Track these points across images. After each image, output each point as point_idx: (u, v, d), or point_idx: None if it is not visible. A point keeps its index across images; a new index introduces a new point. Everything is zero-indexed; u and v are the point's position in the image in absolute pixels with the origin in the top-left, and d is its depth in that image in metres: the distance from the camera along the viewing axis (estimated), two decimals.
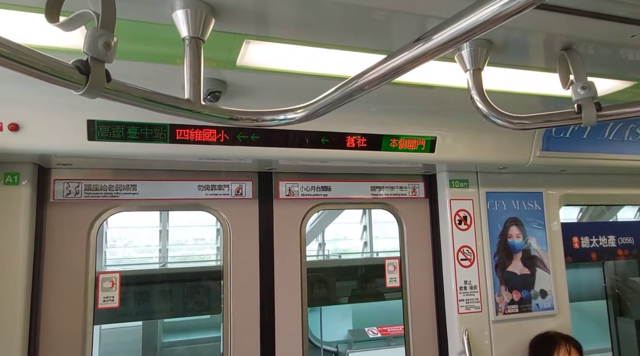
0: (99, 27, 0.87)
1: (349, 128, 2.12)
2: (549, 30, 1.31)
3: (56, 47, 1.30)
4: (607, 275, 3.71)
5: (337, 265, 5.42)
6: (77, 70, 0.85)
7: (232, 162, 2.23)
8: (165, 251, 7.50)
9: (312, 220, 7.32)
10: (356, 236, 8.17)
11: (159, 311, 3.01)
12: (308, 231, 7.43)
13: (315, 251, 8.01)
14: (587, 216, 4.17)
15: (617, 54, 1.46)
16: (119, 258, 7.51)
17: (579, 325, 3.85)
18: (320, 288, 3.65)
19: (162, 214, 7.22)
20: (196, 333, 5.69)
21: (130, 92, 0.97)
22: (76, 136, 1.76)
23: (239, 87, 1.76)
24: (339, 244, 8.82)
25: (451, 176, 2.63)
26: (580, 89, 1.29)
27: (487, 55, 1.38)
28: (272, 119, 1.17)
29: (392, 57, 1.06)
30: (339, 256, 8.58)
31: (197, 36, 1.12)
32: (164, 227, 7.48)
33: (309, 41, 1.36)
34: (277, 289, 2.40)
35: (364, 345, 5.58)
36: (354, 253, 8.34)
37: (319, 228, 7.58)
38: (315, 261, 6.67)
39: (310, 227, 7.43)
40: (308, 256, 2.52)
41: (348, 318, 6.20)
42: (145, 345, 4.93)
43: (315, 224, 7.29)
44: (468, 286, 2.55)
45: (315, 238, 7.83)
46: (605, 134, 2.58)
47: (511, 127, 1.39)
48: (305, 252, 2.51)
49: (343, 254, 8.53)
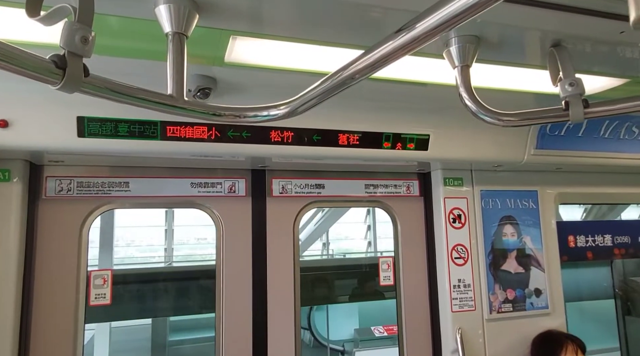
0: (76, 22, 0.87)
1: (342, 126, 2.11)
2: (537, 27, 1.30)
3: (37, 42, 1.29)
4: (615, 274, 3.69)
5: (334, 264, 5.48)
6: (53, 64, 0.84)
7: (224, 160, 2.23)
8: (171, 250, 7.60)
9: (317, 220, 7.40)
10: (360, 235, 8.20)
11: (162, 309, 3.03)
12: (313, 231, 7.43)
13: (319, 250, 8.08)
14: (592, 215, 4.14)
15: (607, 51, 1.45)
16: (122, 257, 7.59)
17: (586, 323, 3.82)
18: (319, 287, 3.68)
19: (168, 214, 7.35)
20: (202, 331, 5.75)
21: (110, 88, 0.97)
22: (66, 133, 1.75)
23: (229, 84, 1.75)
24: (343, 244, 8.88)
25: (445, 174, 2.62)
26: (568, 85, 1.28)
27: (475, 52, 1.37)
28: (255, 116, 1.16)
29: (374, 48, 1.05)
30: (344, 255, 8.62)
31: (181, 32, 1.11)
32: (170, 226, 7.58)
33: (295, 37, 1.35)
34: (269, 287, 2.40)
35: (370, 344, 5.61)
36: (358, 252, 8.38)
37: (323, 227, 7.62)
38: (310, 261, 6.70)
39: (315, 226, 7.49)
40: (312, 256, 2.52)
41: (354, 316, 6.23)
42: (154, 342, 4.99)
43: (319, 224, 7.33)
44: (462, 285, 2.54)
45: (320, 238, 7.89)
46: (600, 132, 2.56)
47: (500, 124, 1.39)
48: (299, 250, 2.50)
49: (347, 253, 8.57)
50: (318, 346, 5.94)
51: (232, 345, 2.30)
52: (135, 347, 5.40)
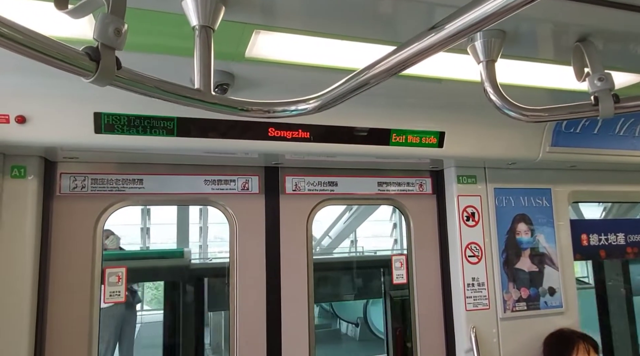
0: (109, 13, 0.86)
1: (356, 122, 2.10)
2: (565, 20, 1.28)
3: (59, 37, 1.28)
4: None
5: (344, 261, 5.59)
6: (87, 57, 0.83)
7: (238, 157, 2.22)
8: (206, 247, 7.94)
9: (345, 218, 7.51)
10: (387, 233, 8.38)
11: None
12: (342, 229, 7.63)
13: (347, 247, 8.36)
14: (612, 214, 4.10)
15: (636, 46, 1.43)
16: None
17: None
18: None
19: (203, 211, 7.63)
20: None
21: (140, 81, 0.95)
22: (83, 129, 1.75)
23: (247, 80, 1.74)
24: (371, 242, 9.21)
25: (459, 171, 2.61)
26: (597, 80, 1.26)
27: (501, 46, 1.35)
28: (284, 110, 1.15)
29: (404, 46, 1.04)
30: (375, 252, 8.83)
31: (207, 25, 1.10)
32: (204, 223, 7.91)
33: (318, 31, 1.34)
34: (283, 285, 2.39)
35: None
36: (385, 250, 8.60)
37: (352, 226, 7.79)
38: (323, 258, 6.94)
39: (344, 225, 7.60)
40: (341, 253, 2.53)
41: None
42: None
43: (349, 222, 7.50)
44: (476, 283, 2.52)
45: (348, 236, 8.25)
46: (616, 130, 2.54)
47: (525, 120, 1.37)
48: (312, 248, 2.49)
49: (378, 251, 8.78)
50: (375, 340, 6.38)
51: (246, 344, 2.29)
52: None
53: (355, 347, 7.14)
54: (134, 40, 1.31)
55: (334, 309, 7.53)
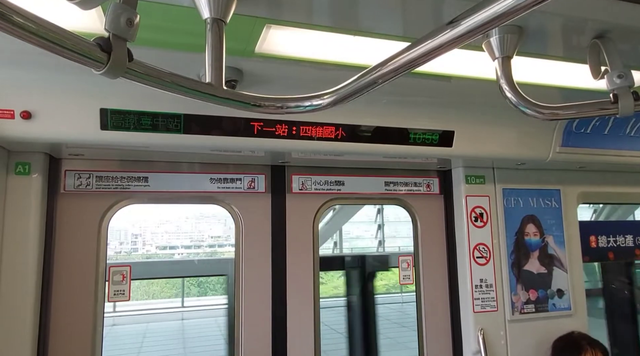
0: (122, 3, 0.83)
1: (363, 120, 2.07)
2: (584, 16, 1.25)
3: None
4: None
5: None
6: (98, 47, 0.80)
7: (244, 155, 2.19)
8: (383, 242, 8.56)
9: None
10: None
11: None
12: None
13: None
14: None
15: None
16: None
17: None
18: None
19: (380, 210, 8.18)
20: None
21: (151, 74, 0.92)
22: (89, 125, 1.72)
23: (256, 77, 1.71)
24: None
25: (467, 171, 2.57)
26: (616, 77, 1.23)
27: (518, 43, 1.32)
28: (297, 106, 1.12)
29: (420, 42, 1.01)
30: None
31: (219, 17, 1.07)
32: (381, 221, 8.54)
33: (331, 26, 1.31)
34: (289, 284, 2.36)
35: None
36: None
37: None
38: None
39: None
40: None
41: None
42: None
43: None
44: (484, 285, 2.49)
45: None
46: (626, 131, 2.51)
47: (541, 118, 1.34)
48: (318, 247, 2.46)
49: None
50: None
51: (251, 342, 2.26)
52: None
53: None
54: (142, 35, 1.29)
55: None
